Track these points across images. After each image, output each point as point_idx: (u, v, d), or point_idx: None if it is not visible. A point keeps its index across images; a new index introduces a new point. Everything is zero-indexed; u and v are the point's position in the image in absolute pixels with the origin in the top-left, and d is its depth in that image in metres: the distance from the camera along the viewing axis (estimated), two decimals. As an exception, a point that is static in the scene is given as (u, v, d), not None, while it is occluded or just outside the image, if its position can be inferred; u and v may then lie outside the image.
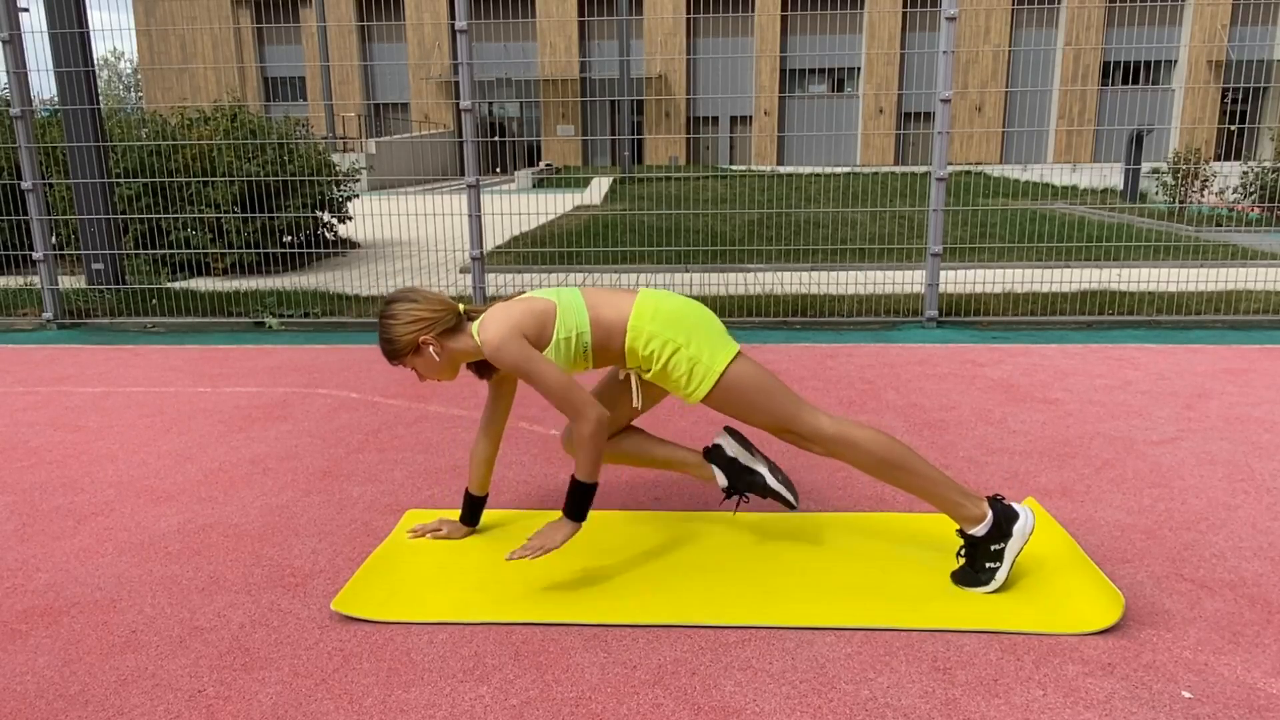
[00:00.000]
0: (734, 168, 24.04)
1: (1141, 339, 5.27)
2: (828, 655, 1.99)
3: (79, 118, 6.63)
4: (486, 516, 2.76)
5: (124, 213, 8.23)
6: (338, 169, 9.60)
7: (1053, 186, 17.55)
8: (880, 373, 4.52)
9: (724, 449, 2.48)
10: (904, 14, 32.39)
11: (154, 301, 6.55)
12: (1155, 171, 13.91)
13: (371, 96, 34.66)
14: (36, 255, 6.06)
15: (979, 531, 2.23)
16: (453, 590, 2.28)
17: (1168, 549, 2.50)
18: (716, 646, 2.03)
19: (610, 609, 2.17)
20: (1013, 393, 4.10)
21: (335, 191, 9.52)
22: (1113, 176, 16.74)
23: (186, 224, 8.35)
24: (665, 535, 2.60)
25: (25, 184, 5.96)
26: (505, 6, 33.31)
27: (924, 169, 14.21)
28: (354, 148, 23.20)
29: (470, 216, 5.78)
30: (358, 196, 9.49)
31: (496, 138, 22.45)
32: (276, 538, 2.64)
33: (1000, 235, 10.33)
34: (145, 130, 8.86)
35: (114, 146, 8.39)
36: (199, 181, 8.35)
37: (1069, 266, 8.24)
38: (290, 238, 9.22)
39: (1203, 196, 13.65)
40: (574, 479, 2.20)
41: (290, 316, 6.11)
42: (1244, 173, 13.02)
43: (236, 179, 8.37)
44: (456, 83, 21.42)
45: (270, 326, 5.97)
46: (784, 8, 32.79)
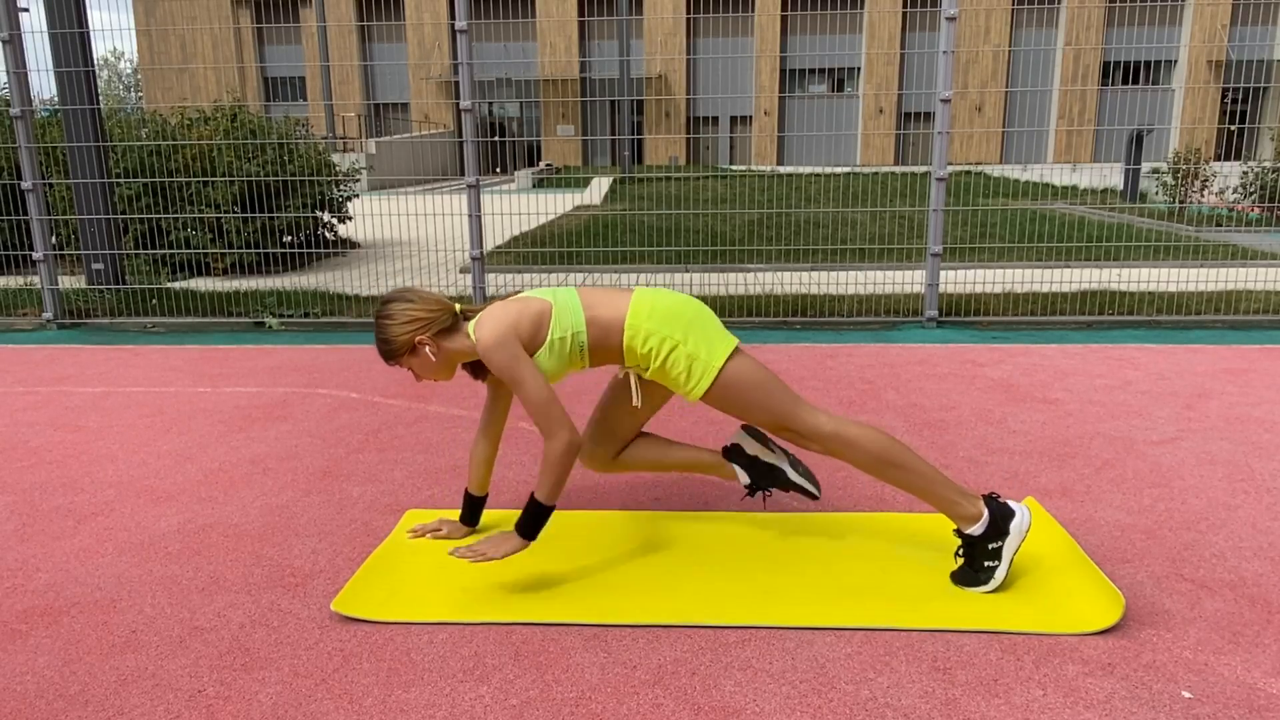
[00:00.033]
0: (734, 168, 24.04)
1: (1141, 339, 5.27)
2: (828, 655, 1.99)
3: (79, 118, 6.63)
4: (486, 516, 2.76)
5: (124, 213, 8.23)
6: (338, 169, 9.60)
7: (1053, 186, 17.55)
8: (880, 373, 4.52)
9: (744, 448, 2.48)
10: (904, 14, 32.40)
11: (154, 301, 6.55)
12: (1155, 171, 13.91)
13: (371, 96, 34.67)
14: (36, 255, 6.06)
15: (976, 531, 2.23)
16: (453, 590, 2.28)
17: (1168, 549, 2.50)
18: (716, 646, 2.03)
19: (610, 609, 2.18)
20: (1013, 393, 4.11)
21: (335, 191, 9.52)
22: (1113, 176, 16.74)
23: (186, 224, 8.35)
24: (665, 535, 2.60)
25: (25, 184, 5.96)
26: (505, 6, 33.31)
27: (924, 169, 14.21)
28: (354, 148, 23.20)
29: (470, 216, 5.79)
30: (358, 196, 9.49)
31: (496, 138, 22.44)
32: (276, 538, 2.64)
33: (1000, 235, 10.33)
34: (145, 130, 8.86)
35: (114, 146, 8.39)
36: (199, 181, 8.35)
37: (1069, 266, 8.24)
38: (290, 238, 9.22)
39: (1203, 196, 13.65)
40: (532, 497, 2.20)
41: (290, 316, 6.11)
42: (1244, 173, 13.01)
43: (236, 179, 8.37)
44: (456, 83, 21.42)
45: (270, 326, 5.97)
46: (784, 8, 32.80)
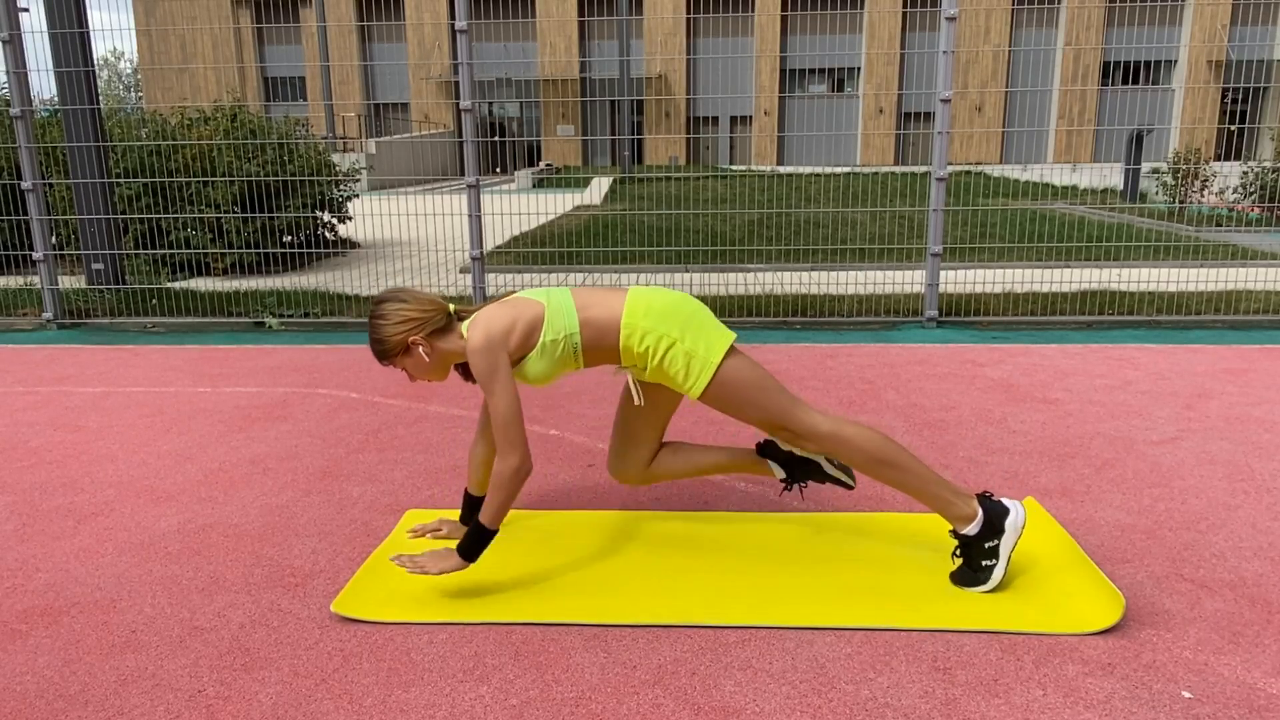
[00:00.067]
0: (734, 168, 24.05)
1: (1141, 339, 5.27)
2: (828, 655, 1.99)
3: (79, 118, 6.63)
4: (486, 516, 2.76)
5: (124, 213, 8.23)
6: (338, 169, 9.60)
7: (1053, 186, 17.55)
8: (880, 373, 4.52)
9: (778, 444, 2.48)
10: (904, 14, 32.40)
11: (154, 301, 6.55)
12: (1155, 171, 13.91)
13: (371, 96, 34.67)
14: (36, 255, 6.06)
15: (971, 530, 2.23)
16: (453, 590, 2.28)
17: (1168, 549, 2.50)
18: (716, 646, 2.03)
19: (610, 609, 2.18)
20: (1013, 393, 4.11)
21: (335, 191, 9.52)
22: (1113, 176, 16.75)
23: (186, 224, 8.35)
24: (665, 535, 2.60)
25: (25, 184, 5.96)
26: (505, 6, 33.32)
27: (924, 169, 14.21)
28: (354, 148, 23.20)
29: (470, 216, 5.79)
30: (358, 196, 9.49)
31: (496, 138, 22.44)
32: (276, 538, 2.64)
33: (1000, 235, 10.33)
34: (145, 130, 8.86)
35: (114, 146, 8.39)
36: (199, 181, 8.35)
37: (1069, 266, 8.24)
38: (290, 238, 9.23)
39: (1203, 196, 13.65)
40: (476, 519, 2.19)
41: (290, 316, 6.11)
42: (1244, 173, 13.01)
43: (236, 179, 8.37)
44: (456, 83, 21.42)
45: (270, 326, 5.97)
46: (784, 8, 32.80)
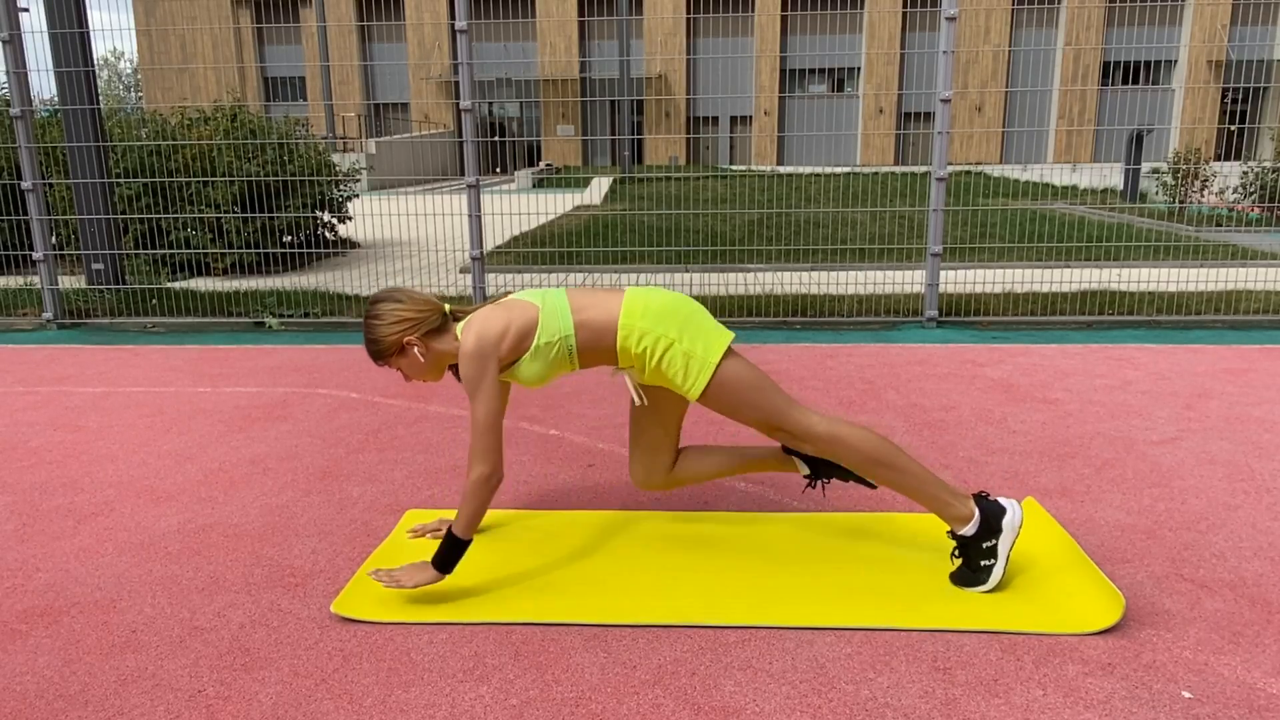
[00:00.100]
0: (734, 168, 24.05)
1: (1141, 339, 5.27)
2: (828, 655, 1.99)
3: (79, 118, 6.63)
4: (487, 516, 2.76)
5: (124, 213, 8.23)
6: (338, 169, 9.60)
7: (1053, 186, 17.55)
8: (880, 373, 4.52)
9: None
10: (904, 14, 32.40)
11: (154, 301, 6.55)
12: (1155, 171, 13.91)
13: (371, 96, 34.67)
14: (36, 255, 6.06)
15: (968, 531, 2.23)
16: (453, 590, 2.28)
17: (1168, 549, 2.50)
18: (716, 646, 2.03)
19: (610, 609, 2.18)
20: (1013, 393, 4.11)
21: (335, 191, 9.52)
22: (1113, 176, 16.75)
23: (186, 224, 8.35)
24: (665, 535, 2.60)
25: (25, 184, 5.96)
26: (505, 6, 33.32)
27: (924, 169, 14.21)
28: (354, 148, 23.20)
29: (470, 216, 5.79)
30: (358, 196, 9.49)
31: (496, 138, 22.45)
32: (276, 538, 2.64)
33: (1000, 235, 10.33)
34: (145, 130, 8.86)
35: (114, 146, 8.39)
36: (199, 181, 8.35)
37: (1069, 266, 8.24)
38: (290, 238, 9.23)
39: (1203, 196, 13.65)
40: (449, 529, 2.19)
41: (290, 316, 6.11)
42: (1244, 173, 13.01)
43: (236, 179, 8.37)
44: (456, 83, 21.42)
45: (270, 326, 5.97)
46: (784, 8, 32.80)
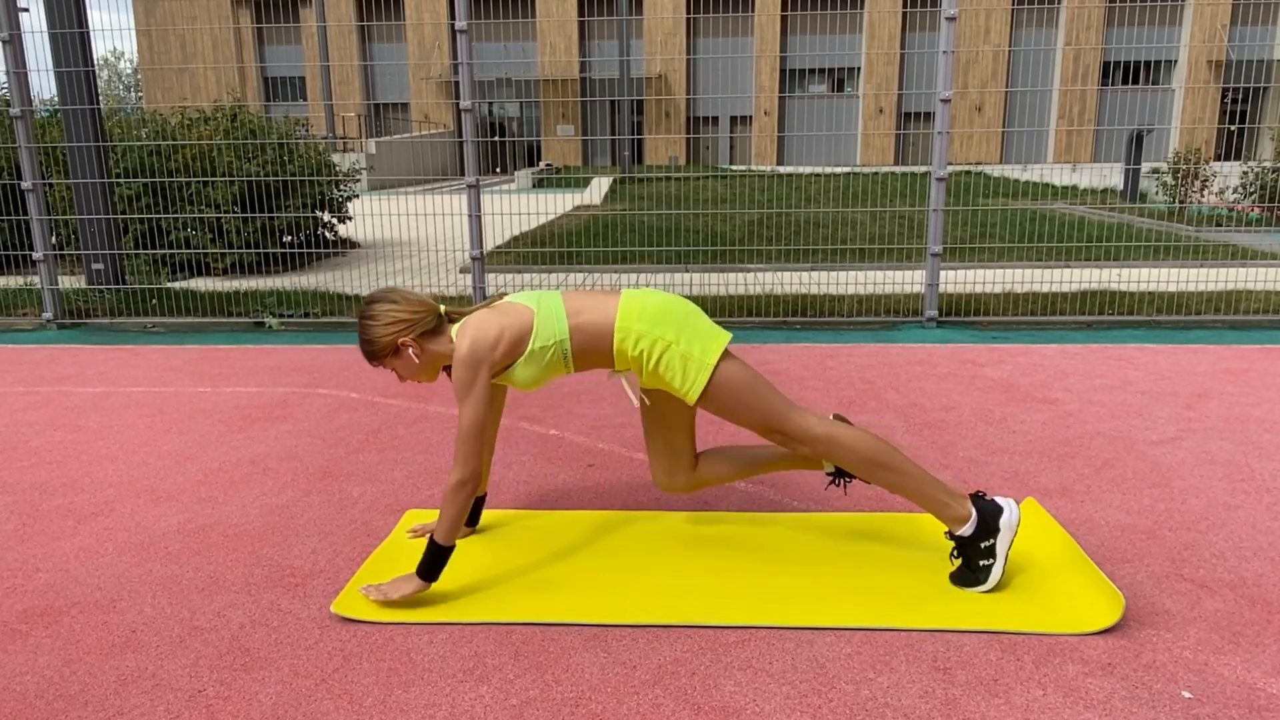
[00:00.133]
0: (734, 168, 24.05)
1: (1141, 339, 5.27)
2: (828, 655, 1.99)
3: (79, 118, 6.63)
4: (486, 516, 2.76)
5: (124, 213, 8.23)
6: (338, 169, 9.60)
7: (1053, 186, 17.55)
8: (880, 373, 4.52)
9: None
10: (904, 14, 32.40)
11: (154, 301, 6.55)
12: (1155, 171, 13.91)
13: (371, 96, 34.67)
14: (36, 255, 6.06)
15: (966, 531, 2.23)
16: (453, 590, 2.28)
17: (1168, 549, 2.50)
18: (716, 646, 2.03)
19: (610, 609, 2.18)
20: (1013, 393, 4.11)
21: (335, 191, 9.52)
22: (1113, 176, 16.75)
23: (186, 224, 8.35)
24: (665, 535, 2.60)
25: (25, 184, 5.96)
26: (505, 6, 33.32)
27: (924, 169, 14.21)
28: (354, 148, 23.21)
29: (470, 216, 5.79)
30: (358, 196, 9.49)
31: (496, 138, 22.45)
32: (276, 538, 2.64)
33: (1000, 235, 10.33)
34: (145, 130, 8.86)
35: (114, 146, 8.39)
36: (199, 181, 8.35)
37: (1069, 266, 8.24)
38: (290, 238, 9.23)
39: (1203, 196, 13.65)
40: (431, 537, 2.18)
41: (290, 316, 6.11)
42: (1244, 173, 13.02)
43: (236, 179, 8.37)
44: (456, 83, 21.42)
45: (270, 326, 5.97)
46: (784, 8, 32.80)
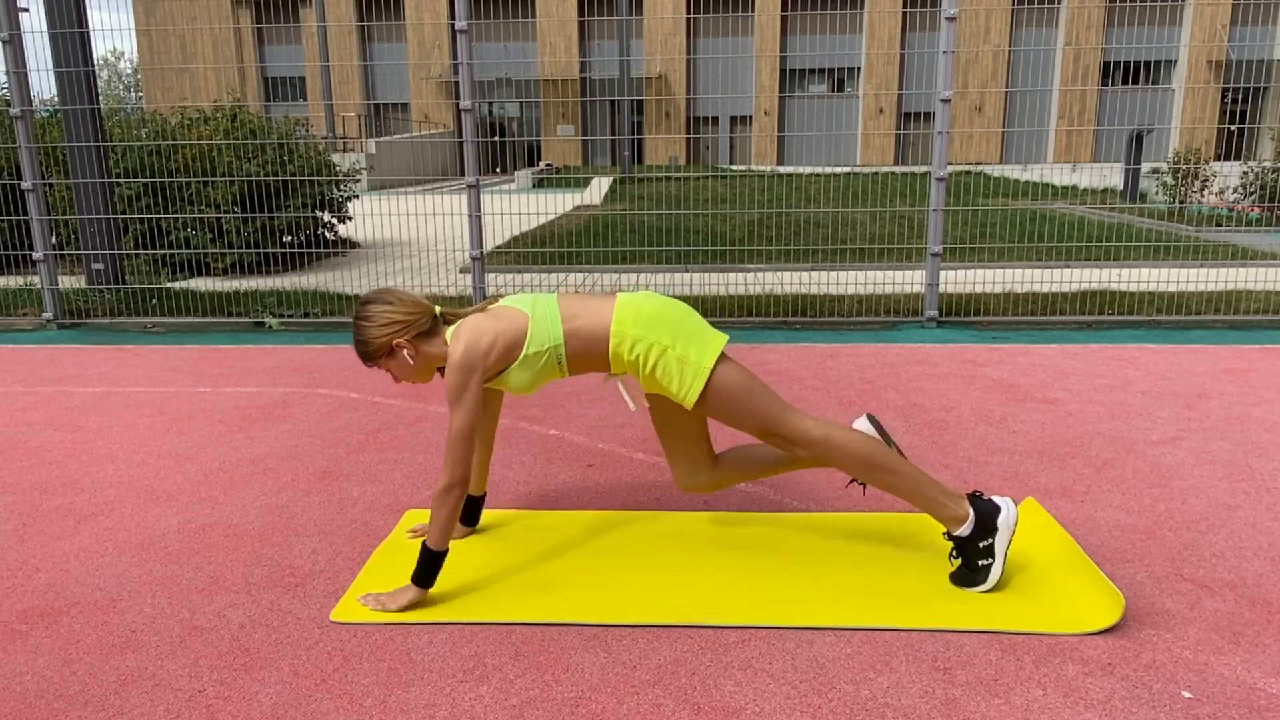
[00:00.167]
0: (734, 168, 24.05)
1: (1141, 339, 5.27)
2: (828, 655, 1.99)
3: (79, 118, 6.63)
4: (486, 516, 2.76)
5: (124, 213, 8.23)
6: (338, 169, 9.60)
7: (1053, 186, 17.55)
8: (880, 373, 4.52)
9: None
10: (904, 14, 32.40)
11: (154, 301, 6.55)
12: (1155, 171, 13.91)
13: (371, 96, 34.67)
14: (36, 255, 6.06)
15: (964, 531, 2.23)
16: (453, 590, 2.28)
17: (1168, 549, 2.50)
18: (716, 646, 2.03)
19: (610, 609, 2.18)
20: (1013, 393, 4.11)
21: (335, 191, 9.52)
22: (1113, 176, 16.75)
23: (186, 224, 8.35)
24: (665, 535, 2.60)
25: (25, 184, 5.96)
26: (505, 6, 33.32)
27: (924, 169, 14.21)
28: (354, 148, 23.20)
29: (470, 216, 5.79)
30: (358, 197, 9.49)
31: (496, 138, 22.45)
32: (276, 538, 2.64)
33: (1000, 235, 10.33)
34: (145, 130, 8.86)
35: (114, 146, 8.39)
36: (199, 181, 8.35)
37: (1069, 266, 8.24)
38: (290, 238, 9.22)
39: (1203, 196, 13.65)
40: (423, 544, 2.19)
41: (290, 316, 6.11)
42: (1244, 173, 13.01)
43: (236, 179, 8.37)
44: (456, 83, 21.42)
45: (270, 326, 5.97)
46: (784, 8, 32.80)
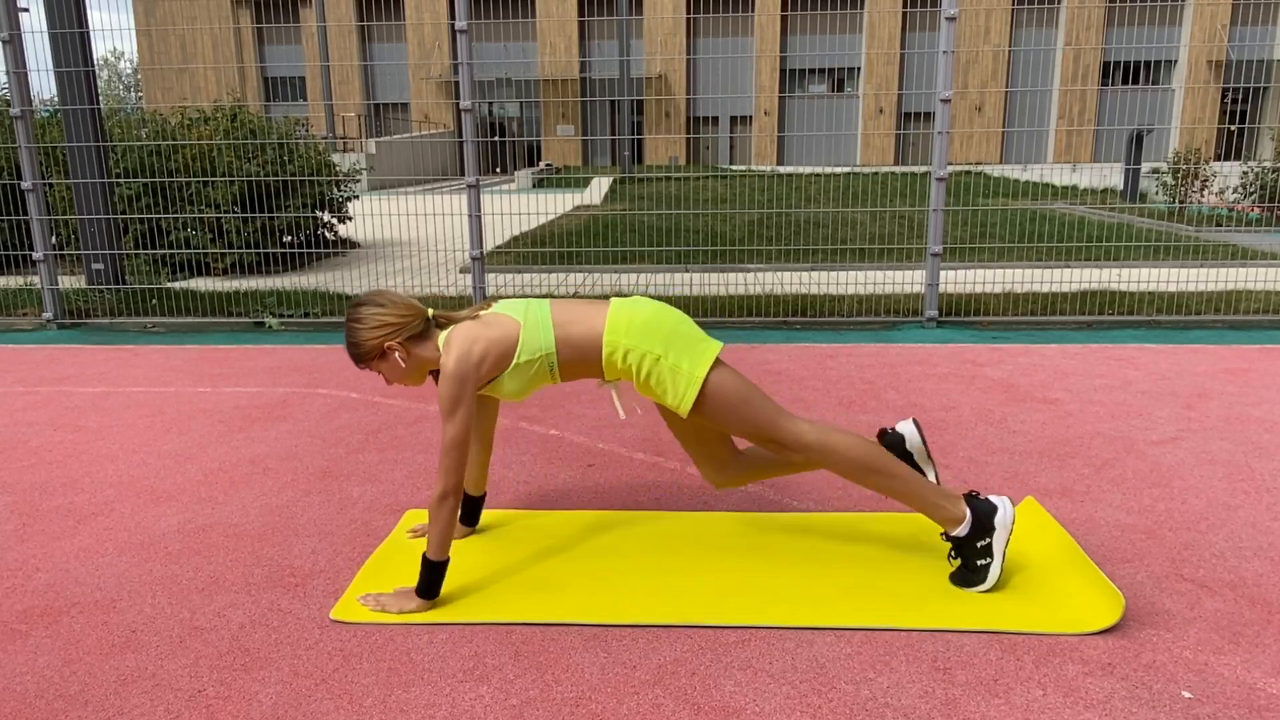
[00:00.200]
0: (734, 168, 24.04)
1: (1141, 339, 5.27)
2: (828, 655, 1.99)
3: (79, 118, 6.63)
4: (486, 516, 2.76)
5: (124, 213, 8.23)
6: (338, 169, 9.60)
7: (1053, 186, 17.55)
8: (880, 373, 4.52)
9: (906, 439, 2.39)
10: (904, 14, 32.40)
11: (154, 301, 6.55)
12: (1155, 171, 13.91)
13: (371, 96, 34.67)
14: (36, 255, 6.06)
15: (961, 532, 2.24)
16: (453, 590, 2.28)
17: (1168, 549, 2.50)
18: (716, 646, 2.03)
19: (610, 609, 2.18)
20: (1013, 393, 4.11)
21: (335, 191, 9.52)
22: (1113, 176, 16.74)
23: (186, 224, 8.35)
24: (665, 535, 2.60)
25: (25, 184, 5.96)
26: (505, 6, 33.32)
27: (924, 169, 14.21)
28: (354, 148, 23.20)
29: (470, 216, 5.79)
30: (357, 197, 9.49)
31: (496, 138, 22.45)
32: (276, 538, 2.64)
33: (1000, 235, 10.33)
34: (145, 130, 8.86)
35: (114, 146, 8.39)
36: (199, 181, 8.35)
37: (1069, 266, 8.24)
38: (290, 238, 9.22)
39: (1203, 196, 13.65)
40: (423, 556, 2.18)
41: (290, 316, 6.11)
42: (1244, 173, 13.01)
43: (236, 179, 8.37)
44: (456, 83, 21.42)
45: (270, 326, 5.97)
46: (784, 8, 32.80)
